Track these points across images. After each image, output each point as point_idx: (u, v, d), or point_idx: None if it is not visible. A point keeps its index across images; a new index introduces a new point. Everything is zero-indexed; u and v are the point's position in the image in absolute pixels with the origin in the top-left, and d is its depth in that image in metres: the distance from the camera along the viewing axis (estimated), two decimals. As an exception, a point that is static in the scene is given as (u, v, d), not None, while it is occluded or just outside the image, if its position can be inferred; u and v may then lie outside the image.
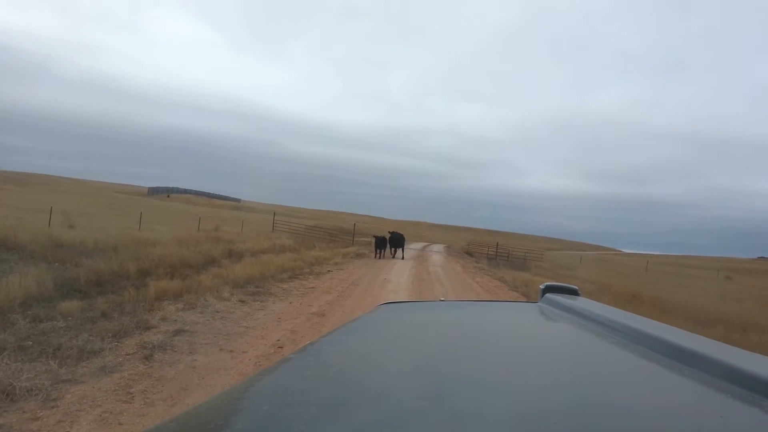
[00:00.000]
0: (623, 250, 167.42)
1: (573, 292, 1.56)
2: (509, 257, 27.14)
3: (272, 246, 18.08)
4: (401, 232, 22.70)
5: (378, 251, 19.48)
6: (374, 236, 20.47)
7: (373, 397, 0.71)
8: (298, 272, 12.33)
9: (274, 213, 28.46)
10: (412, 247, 30.36)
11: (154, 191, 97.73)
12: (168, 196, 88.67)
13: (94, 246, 11.72)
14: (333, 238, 27.05)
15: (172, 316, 6.57)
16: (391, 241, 21.32)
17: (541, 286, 1.57)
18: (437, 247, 35.32)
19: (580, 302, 1.39)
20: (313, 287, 10.09)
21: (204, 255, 13.13)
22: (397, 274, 13.91)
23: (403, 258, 21.10)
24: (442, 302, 1.64)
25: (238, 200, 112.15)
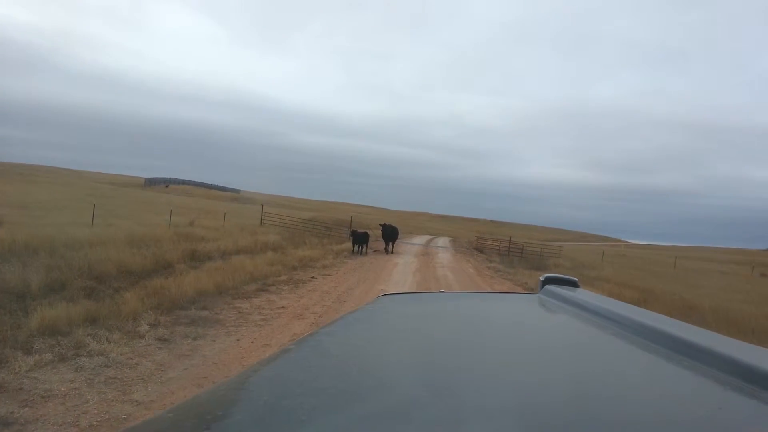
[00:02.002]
0: (629, 240, 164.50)
1: (573, 284, 1.52)
2: (523, 253, 24.46)
3: (252, 244, 15.48)
4: (395, 225, 20.65)
5: (356, 247, 17.31)
6: (352, 231, 18.21)
7: (372, 388, 0.71)
8: (271, 281, 9.69)
9: (263, 205, 25.78)
10: (415, 242, 27.69)
11: (152, 182, 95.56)
12: (167, 187, 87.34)
13: (7, 248, 9.13)
14: (328, 232, 24.39)
15: (17, 379, 3.95)
16: (384, 235, 19.09)
17: (541, 278, 1.52)
18: (442, 241, 32.67)
19: (580, 294, 1.37)
20: (282, 307, 7.45)
21: (156, 258, 10.51)
22: (398, 281, 11.27)
23: (392, 252, 19.08)
24: (442, 293, 1.64)
25: (237, 191, 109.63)
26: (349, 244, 19.77)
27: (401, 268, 14.00)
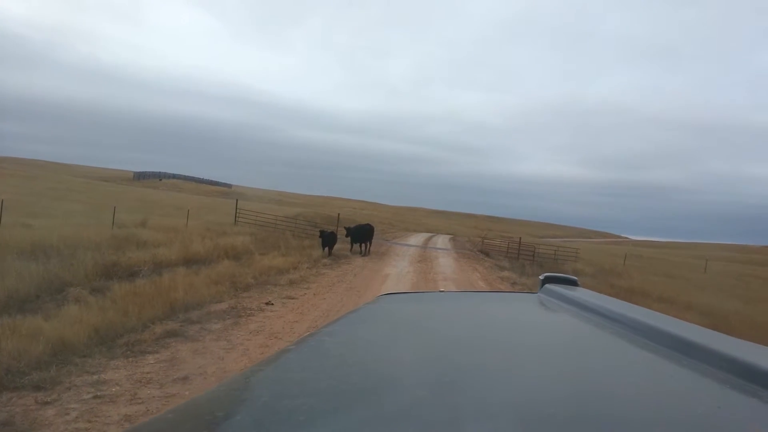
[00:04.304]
0: (630, 237, 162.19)
1: (572, 283, 1.52)
2: (535, 256, 21.47)
3: (210, 249, 12.45)
4: (371, 223, 18.52)
5: (325, 249, 15.24)
6: (321, 231, 16.17)
7: (372, 388, 0.71)
8: (199, 315, 6.66)
9: (237, 200, 22.69)
10: (410, 243, 24.70)
11: (141, 176, 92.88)
12: (160, 180, 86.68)
13: None
14: (315, 231, 21.29)
15: None
16: (353, 237, 16.51)
17: (541, 277, 1.54)
18: (441, 241, 29.69)
19: (580, 293, 1.36)
20: (184, 378, 4.42)
21: (47, 277, 7.49)
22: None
23: (368, 253, 16.55)
24: (442, 293, 1.66)
25: (229, 186, 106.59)
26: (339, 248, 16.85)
27: (393, 283, 11.01)
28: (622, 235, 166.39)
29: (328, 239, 15.37)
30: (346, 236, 16.48)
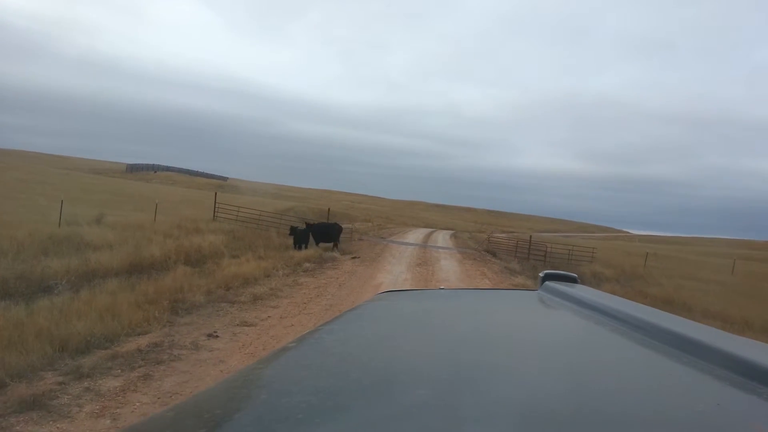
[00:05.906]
0: (630, 231, 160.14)
1: (572, 280, 1.50)
2: (546, 256, 19.44)
3: (170, 251, 10.43)
4: (338, 221, 17.78)
5: (297, 246, 13.93)
6: (291, 227, 14.74)
7: (372, 386, 0.70)
8: (93, 365, 4.59)
9: (216, 193, 20.58)
10: (408, 241, 22.65)
11: (134, 168, 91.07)
12: (154, 173, 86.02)
13: None
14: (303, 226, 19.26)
15: None
16: (314, 235, 15.01)
17: (541, 274, 1.53)
18: (442, 238, 27.65)
19: (579, 290, 1.35)
20: None
21: None
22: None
23: (335, 249, 15.02)
24: (441, 290, 1.61)
25: (224, 178, 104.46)
26: (325, 247, 14.83)
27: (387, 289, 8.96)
28: (623, 230, 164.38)
29: (300, 237, 13.55)
30: (316, 240, 14.85)
